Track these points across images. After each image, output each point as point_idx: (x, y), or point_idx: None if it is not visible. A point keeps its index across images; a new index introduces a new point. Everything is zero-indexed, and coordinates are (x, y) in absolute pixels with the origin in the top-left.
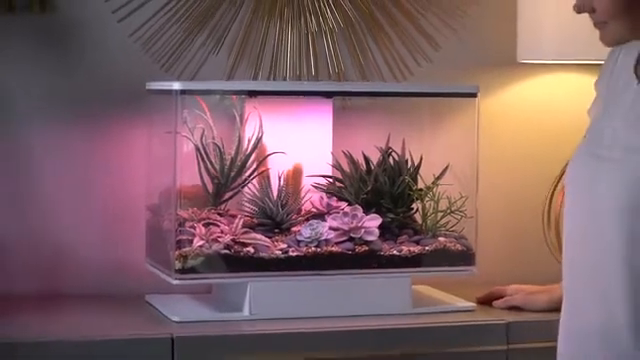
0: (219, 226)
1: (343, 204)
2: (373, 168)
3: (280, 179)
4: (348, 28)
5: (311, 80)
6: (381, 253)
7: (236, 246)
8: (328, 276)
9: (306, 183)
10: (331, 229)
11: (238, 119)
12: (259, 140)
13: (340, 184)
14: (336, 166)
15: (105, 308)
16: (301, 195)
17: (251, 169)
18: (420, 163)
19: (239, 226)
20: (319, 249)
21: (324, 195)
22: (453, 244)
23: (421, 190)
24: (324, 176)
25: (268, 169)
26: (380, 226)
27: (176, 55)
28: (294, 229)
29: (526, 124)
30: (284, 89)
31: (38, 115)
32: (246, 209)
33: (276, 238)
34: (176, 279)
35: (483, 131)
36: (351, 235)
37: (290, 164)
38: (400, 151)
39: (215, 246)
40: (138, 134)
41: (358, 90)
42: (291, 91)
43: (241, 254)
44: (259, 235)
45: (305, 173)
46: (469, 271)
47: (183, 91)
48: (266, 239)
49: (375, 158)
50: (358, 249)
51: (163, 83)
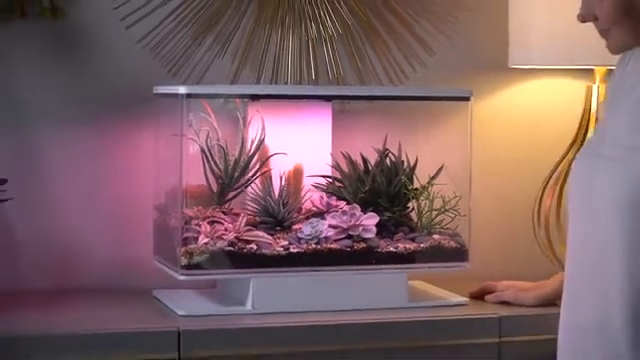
0: (223, 224)
1: (342, 203)
2: (371, 169)
3: (282, 179)
4: (347, 35)
5: (311, 84)
6: (378, 250)
7: (239, 243)
8: (328, 272)
9: (306, 183)
10: (330, 227)
11: (241, 122)
12: (261, 142)
13: (339, 184)
14: (335, 167)
15: (114, 303)
16: (302, 194)
17: (254, 169)
18: (416, 164)
19: (242, 224)
20: (319, 246)
21: (324, 194)
22: (447, 241)
23: (417, 190)
24: (324, 176)
25: (270, 169)
26: (377, 224)
27: (182, 60)
28: (295, 227)
29: (517, 126)
30: (285, 93)
31: (49, 118)
32: (249, 208)
33: (278, 235)
34: (182, 275)
35: (476, 133)
36: (350, 233)
37: (291, 165)
38: (396, 152)
39: (219, 243)
40: (145, 136)
41: (356, 94)
42: (292, 95)
43: (244, 251)
44: (261, 233)
45: (305, 173)
46: (462, 267)
47: (189, 95)
48: (268, 236)
49: (373, 159)
50: (356, 246)
51: (169, 87)
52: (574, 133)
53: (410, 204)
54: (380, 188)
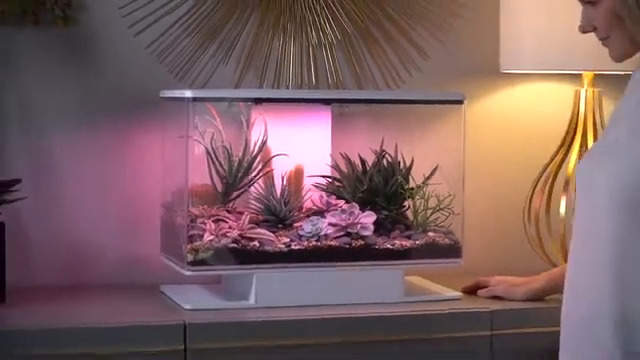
0: (227, 222)
1: (341, 202)
2: (368, 169)
3: (283, 179)
4: (346, 41)
5: (312, 88)
6: (376, 247)
7: (243, 240)
8: (327, 268)
9: (307, 183)
10: (330, 225)
11: (245, 124)
12: (264, 143)
13: (338, 184)
14: (334, 167)
15: (123, 297)
16: (302, 194)
17: (257, 170)
18: (411, 164)
19: (246, 222)
20: (319, 243)
21: (324, 194)
22: (441, 238)
23: (412, 189)
24: (324, 176)
25: (272, 170)
26: (375, 222)
27: (188, 66)
28: (296, 225)
29: (508, 129)
30: (287, 97)
31: (61, 121)
32: (252, 206)
33: (280, 233)
34: (188, 270)
35: (469, 135)
36: (348, 230)
37: (292, 165)
38: (393, 153)
39: (224, 240)
40: (153, 138)
41: (354, 98)
42: (293, 98)
43: (248, 248)
44: (264, 230)
45: (306, 173)
46: (456, 263)
47: (194, 99)
48: (270, 234)
49: (370, 160)
50: (355, 243)
51: (176, 91)
52: (563, 135)
53: (406, 203)
54: (377, 188)
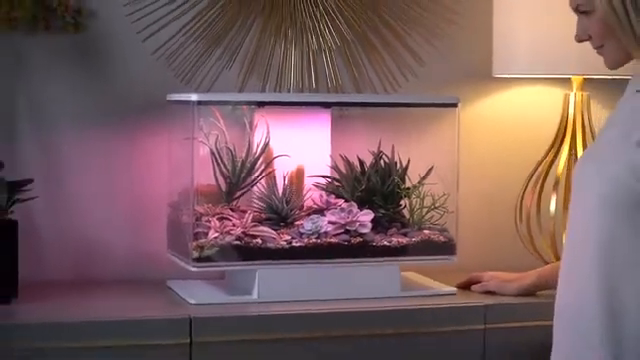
0: (231, 220)
1: (340, 201)
2: (366, 169)
3: (285, 179)
4: (345, 47)
5: (312, 92)
6: (373, 244)
7: (246, 238)
8: (327, 264)
9: (307, 182)
10: (330, 223)
11: (248, 126)
12: (266, 145)
13: (338, 183)
14: (334, 168)
15: (131, 292)
16: (303, 193)
17: (259, 170)
18: (407, 165)
19: (249, 220)
20: (319, 240)
21: (323, 193)
22: (436, 236)
23: (408, 189)
24: (323, 176)
25: (274, 170)
26: (372, 220)
27: (194, 70)
28: (297, 223)
29: (500, 131)
30: (288, 100)
31: (72, 123)
32: (255, 205)
33: (281, 231)
34: (193, 267)
35: (463, 137)
36: (347, 228)
37: (293, 166)
38: (390, 154)
39: (228, 238)
40: (160, 140)
41: (353, 101)
42: (294, 102)
43: (251, 245)
44: (266, 228)
45: (307, 174)
46: (450, 260)
47: (200, 102)
48: (272, 232)
49: (368, 160)
50: (353, 240)
51: (182, 95)
52: (553, 137)
53: (402, 202)
54: (375, 187)
